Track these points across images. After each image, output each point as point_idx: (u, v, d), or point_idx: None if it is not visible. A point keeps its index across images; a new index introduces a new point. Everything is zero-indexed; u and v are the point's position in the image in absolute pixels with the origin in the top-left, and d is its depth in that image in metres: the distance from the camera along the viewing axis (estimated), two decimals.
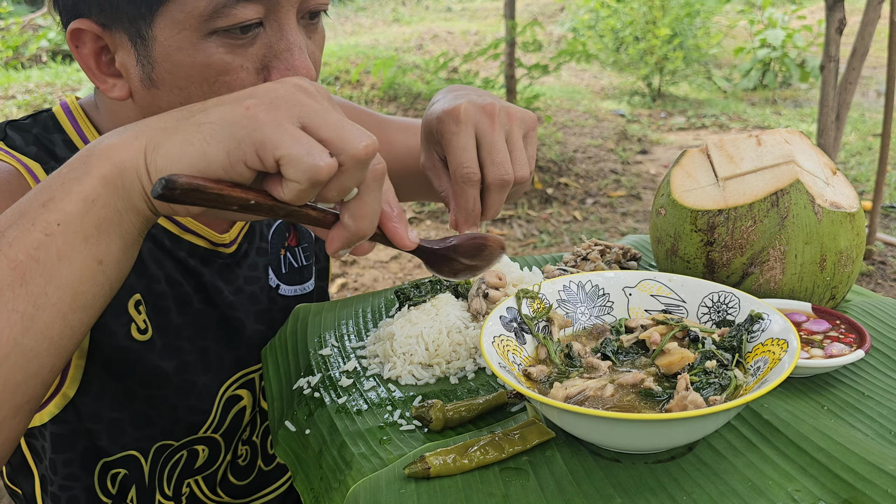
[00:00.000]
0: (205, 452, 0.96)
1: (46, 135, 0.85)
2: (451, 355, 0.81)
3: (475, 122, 0.75)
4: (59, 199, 0.53)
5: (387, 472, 0.63)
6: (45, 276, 0.53)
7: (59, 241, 0.53)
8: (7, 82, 6.06)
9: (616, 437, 0.59)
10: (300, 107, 0.53)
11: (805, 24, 7.66)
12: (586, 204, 4.78)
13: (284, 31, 0.72)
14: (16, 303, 0.52)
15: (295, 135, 0.51)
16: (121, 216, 0.55)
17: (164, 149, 0.53)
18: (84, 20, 0.72)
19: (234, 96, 0.54)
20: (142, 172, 0.54)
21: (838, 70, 3.01)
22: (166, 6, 0.68)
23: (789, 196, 0.81)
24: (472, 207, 0.76)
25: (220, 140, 0.51)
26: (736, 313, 0.71)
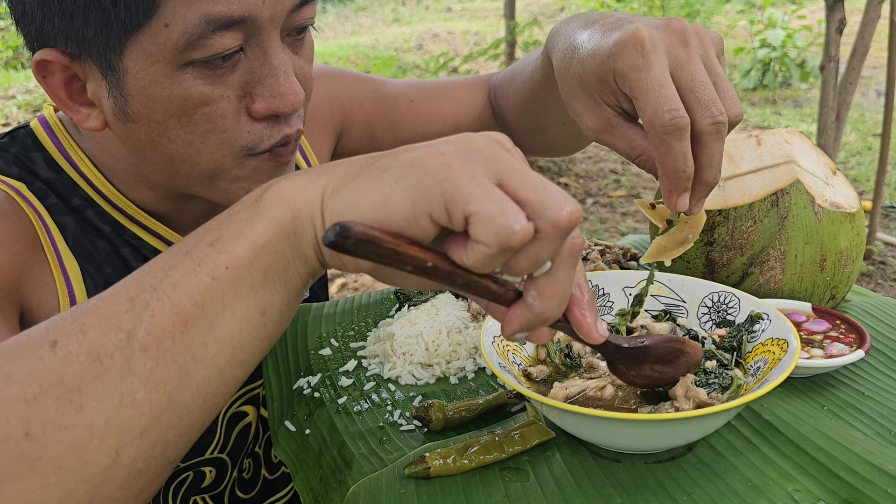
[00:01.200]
0: (212, 473, 0.95)
1: (26, 154, 0.80)
2: (451, 355, 0.81)
3: (667, 50, 0.61)
4: (227, 240, 0.48)
5: (387, 472, 0.63)
6: (206, 325, 0.47)
7: (224, 286, 0.47)
8: (7, 82, 6.06)
9: (616, 437, 0.59)
10: (498, 161, 0.45)
11: (805, 24, 7.65)
12: (586, 204, 4.78)
13: (267, 54, 0.68)
14: (175, 353, 0.46)
15: (490, 191, 0.43)
16: (288, 264, 0.49)
17: (342, 193, 0.46)
18: (50, 50, 0.67)
19: (425, 145, 0.47)
20: (316, 218, 0.47)
21: (838, 70, 3.01)
22: (136, 37, 0.64)
23: (789, 196, 0.81)
24: (684, 166, 0.61)
25: (405, 187, 0.44)
26: (736, 313, 0.71)
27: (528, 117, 0.99)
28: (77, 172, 0.81)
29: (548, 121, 0.97)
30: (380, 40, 8.50)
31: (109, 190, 0.81)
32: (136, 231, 0.83)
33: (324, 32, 9.25)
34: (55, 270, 0.77)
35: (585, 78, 0.66)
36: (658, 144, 0.61)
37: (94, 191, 0.81)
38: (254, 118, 0.71)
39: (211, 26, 0.63)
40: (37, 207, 0.77)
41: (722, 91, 0.61)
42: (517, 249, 0.44)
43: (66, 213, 0.79)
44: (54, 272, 0.77)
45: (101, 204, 0.81)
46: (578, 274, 0.50)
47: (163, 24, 0.63)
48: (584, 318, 0.51)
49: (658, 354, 0.58)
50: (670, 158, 0.61)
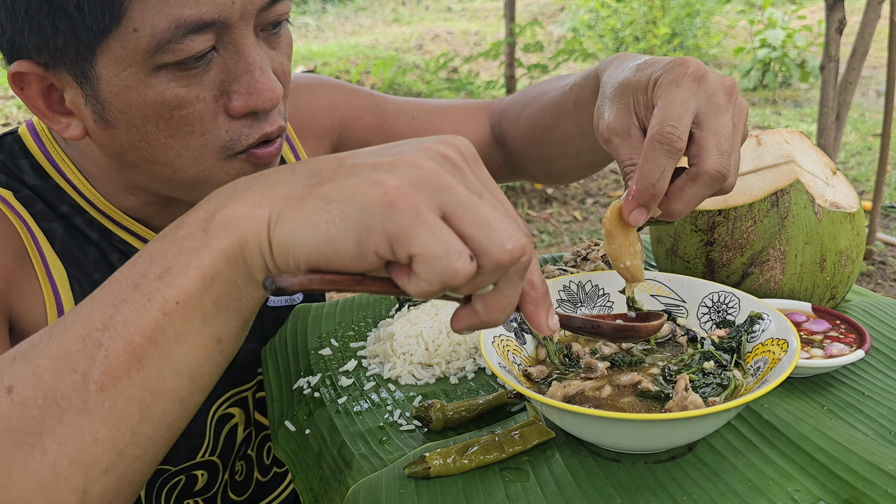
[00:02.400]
0: (204, 477, 0.94)
1: (13, 161, 0.80)
2: (451, 355, 0.81)
3: (709, 91, 0.63)
4: (176, 273, 0.47)
5: (387, 472, 0.63)
6: (161, 359, 0.47)
7: (177, 321, 0.47)
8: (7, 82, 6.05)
9: (616, 437, 0.59)
10: (444, 192, 0.44)
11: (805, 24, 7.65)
12: (586, 204, 4.78)
13: (241, 51, 0.67)
14: (133, 390, 0.46)
15: (434, 229, 0.43)
16: (240, 291, 0.48)
17: (287, 224, 0.46)
18: (24, 62, 0.67)
19: (370, 166, 0.45)
20: (264, 247, 0.47)
21: (838, 70, 3.01)
22: (106, 43, 0.63)
23: (789, 196, 0.81)
24: (657, 182, 0.62)
25: (349, 227, 0.44)
26: (736, 313, 0.71)
27: (539, 145, 0.98)
28: (64, 179, 0.80)
29: (562, 150, 0.96)
30: (380, 40, 8.50)
31: (96, 196, 0.81)
32: (125, 237, 0.83)
33: (324, 32, 9.25)
34: (42, 278, 0.77)
35: (630, 83, 0.67)
36: (646, 150, 0.62)
37: (81, 197, 0.81)
38: (232, 117, 0.70)
39: (181, 31, 0.63)
40: (23, 216, 0.77)
41: (734, 156, 0.63)
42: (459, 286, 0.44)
43: (54, 219, 0.79)
44: (41, 280, 0.77)
45: (88, 210, 0.81)
46: (532, 271, 0.50)
47: (131, 29, 0.63)
48: (534, 313, 0.51)
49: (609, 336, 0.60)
50: (649, 166, 0.62)
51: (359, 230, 0.43)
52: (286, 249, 0.46)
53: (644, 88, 0.66)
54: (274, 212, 0.47)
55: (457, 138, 0.49)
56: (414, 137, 1.07)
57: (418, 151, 0.46)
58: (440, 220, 0.44)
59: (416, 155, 0.45)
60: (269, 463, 1.05)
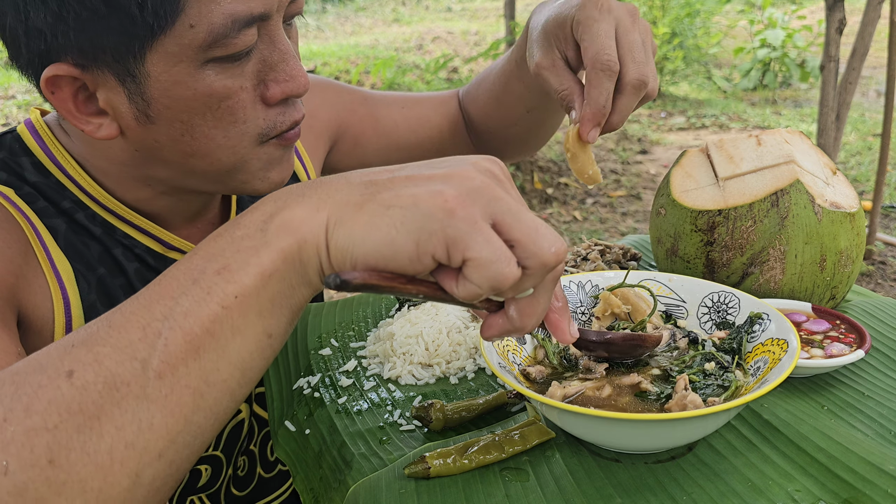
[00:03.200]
0: (207, 472, 0.95)
1: (14, 158, 0.80)
2: (451, 355, 0.81)
3: (617, 17, 0.73)
4: (235, 269, 0.49)
5: (387, 472, 0.63)
6: (218, 350, 0.49)
7: (234, 314, 0.49)
8: (7, 82, 6.06)
9: (616, 437, 0.59)
10: (496, 202, 0.48)
11: (805, 24, 7.65)
12: (586, 204, 4.78)
13: (276, 41, 0.71)
14: (189, 379, 0.48)
15: (488, 237, 0.47)
16: (294, 290, 0.51)
17: (346, 227, 0.49)
18: (60, 65, 0.67)
19: (425, 177, 0.49)
20: (321, 249, 0.50)
21: (838, 70, 3.01)
22: (160, 41, 0.65)
23: (789, 196, 0.81)
24: (605, 102, 0.73)
25: (410, 230, 0.47)
26: (736, 313, 0.71)
27: (497, 114, 1.06)
28: (65, 175, 0.81)
29: (516, 111, 1.03)
30: (380, 40, 8.50)
31: (98, 192, 0.81)
32: (128, 231, 0.83)
33: (324, 32, 9.25)
34: (48, 274, 0.77)
35: (549, 23, 0.78)
36: (592, 79, 0.72)
37: (83, 193, 0.81)
38: (267, 105, 0.73)
39: (237, 25, 0.65)
40: (26, 212, 0.77)
41: (650, 64, 0.74)
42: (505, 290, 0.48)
43: (56, 215, 0.79)
44: (47, 275, 0.77)
45: (90, 206, 0.81)
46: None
47: (188, 25, 0.64)
48: (558, 322, 0.56)
49: (620, 349, 0.67)
50: (597, 92, 0.72)
51: (419, 234, 0.47)
52: (345, 251, 0.49)
53: (562, 26, 0.76)
54: (332, 216, 0.49)
55: (494, 159, 0.53)
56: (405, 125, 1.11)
57: (468, 166, 0.50)
58: (492, 230, 0.48)
59: (467, 168, 0.50)
60: (273, 460, 1.05)
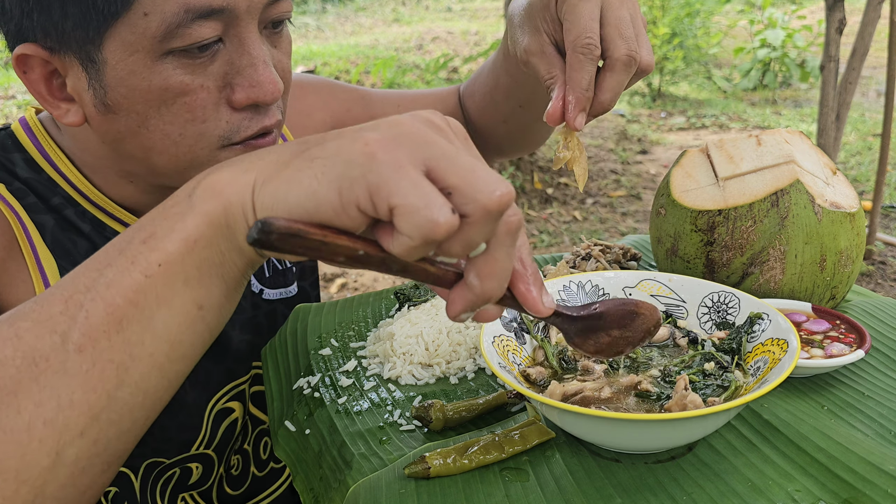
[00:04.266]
0: (198, 469, 0.95)
1: (5, 154, 0.81)
2: (451, 355, 0.81)
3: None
4: (160, 236, 0.47)
5: (387, 472, 0.63)
6: (142, 322, 0.47)
7: (158, 283, 0.47)
8: (7, 82, 6.06)
9: (616, 437, 0.59)
10: (427, 146, 0.44)
11: (805, 24, 7.65)
12: (586, 204, 4.78)
13: (246, 45, 0.69)
14: (112, 352, 0.46)
15: (415, 181, 0.42)
16: (223, 257, 0.48)
17: (272, 185, 0.46)
18: (29, 45, 0.68)
19: (355, 129, 0.46)
20: (248, 210, 0.47)
21: (838, 70, 3.01)
22: (115, 27, 0.65)
23: (789, 196, 0.81)
24: (587, 86, 0.71)
25: (331, 179, 0.43)
26: (736, 313, 0.71)
27: (490, 109, 1.05)
28: (56, 172, 0.81)
29: (508, 107, 1.02)
30: (380, 40, 8.50)
31: (89, 188, 0.82)
32: (118, 228, 0.83)
33: (324, 32, 9.25)
34: (32, 269, 0.78)
35: (534, 5, 0.75)
36: (573, 62, 0.70)
37: (73, 190, 0.81)
38: (234, 108, 0.72)
39: (190, 15, 0.64)
40: (15, 208, 0.78)
41: (640, 39, 0.72)
42: (443, 240, 0.43)
43: (45, 212, 0.79)
44: (31, 271, 0.77)
45: (81, 202, 0.81)
46: (521, 249, 0.49)
47: (142, 14, 0.64)
48: (528, 292, 0.49)
49: (612, 319, 0.56)
50: (578, 76, 0.70)
51: (340, 182, 0.43)
52: (270, 209, 0.46)
53: (546, 6, 0.74)
54: (260, 176, 0.47)
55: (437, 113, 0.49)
56: None
57: (401, 117, 0.46)
58: (422, 175, 0.43)
59: (398, 118, 0.46)
60: (266, 458, 1.05)
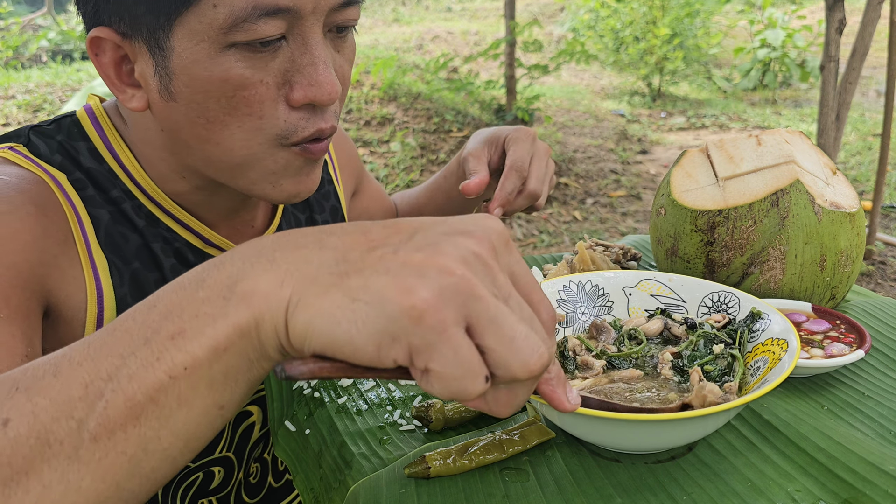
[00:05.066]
0: (220, 474, 0.95)
1: (71, 142, 0.82)
2: None
3: (536, 148, 0.99)
4: (189, 337, 0.46)
5: (387, 472, 0.63)
6: (160, 420, 0.46)
7: (182, 385, 0.46)
8: (7, 82, 6.06)
9: (616, 437, 0.59)
10: (473, 302, 0.43)
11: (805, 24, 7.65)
12: (586, 204, 4.78)
13: (308, 44, 0.70)
14: (126, 445, 0.46)
15: (456, 348, 0.42)
16: (251, 364, 0.48)
17: (308, 313, 0.45)
18: (104, 28, 0.70)
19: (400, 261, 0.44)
20: (280, 328, 0.46)
21: (838, 70, 3.01)
22: (184, 16, 0.67)
23: (789, 196, 0.81)
24: (510, 193, 0.94)
25: (371, 333, 0.43)
26: (736, 313, 0.71)
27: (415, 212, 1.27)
28: (118, 164, 0.82)
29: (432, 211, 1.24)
30: (380, 40, 8.50)
31: (147, 182, 0.83)
32: (170, 224, 0.84)
33: None
34: (85, 264, 0.78)
35: (489, 136, 1.02)
36: (508, 175, 0.95)
37: (132, 183, 0.82)
38: (291, 107, 0.73)
39: (257, 12, 0.66)
40: (73, 200, 0.79)
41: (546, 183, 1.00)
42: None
43: (102, 205, 0.80)
44: (84, 266, 0.78)
45: (138, 196, 0.82)
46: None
47: (211, 5, 0.66)
48: (552, 393, 0.50)
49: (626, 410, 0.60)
50: (509, 183, 0.94)
51: (381, 338, 0.43)
52: (302, 338, 0.45)
53: (498, 138, 1.01)
54: (295, 295, 0.45)
55: (490, 223, 0.48)
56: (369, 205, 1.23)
57: (452, 249, 0.45)
58: (464, 335, 0.43)
59: (448, 256, 0.44)
60: (283, 469, 1.06)
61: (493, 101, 5.96)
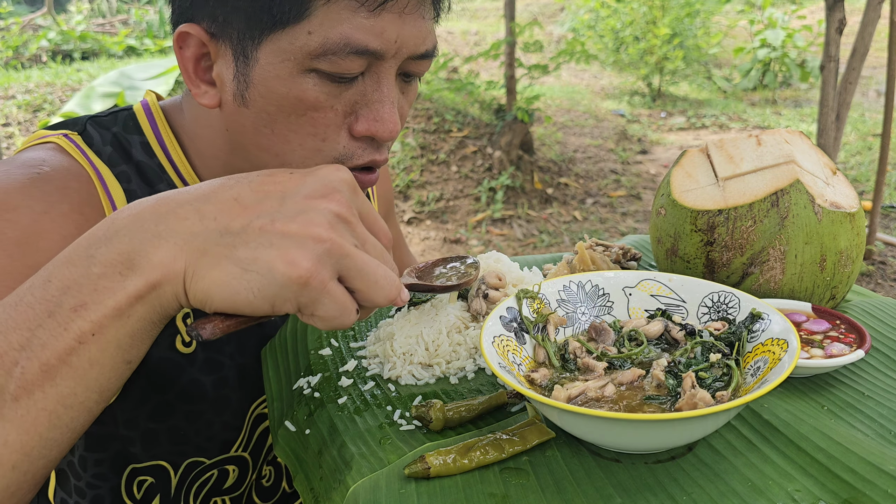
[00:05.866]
0: (235, 472, 0.97)
1: (126, 135, 0.85)
2: (451, 355, 0.81)
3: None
4: (92, 308, 0.52)
5: (387, 472, 0.63)
6: (75, 378, 0.52)
7: (92, 349, 0.52)
8: (7, 82, 6.06)
9: (616, 437, 0.59)
10: (343, 259, 0.55)
11: (805, 24, 7.65)
12: (586, 204, 4.79)
13: (381, 83, 0.73)
14: (45, 402, 0.52)
15: (335, 297, 0.54)
16: (154, 325, 0.55)
17: (205, 283, 0.53)
18: (194, 25, 0.73)
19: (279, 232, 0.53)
20: (180, 296, 0.54)
21: (838, 70, 3.01)
22: (277, 34, 0.69)
23: (789, 196, 0.81)
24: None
25: (266, 297, 0.53)
26: (736, 313, 0.71)
27: None
28: (167, 159, 0.85)
29: None
30: None
31: (193, 179, 0.85)
32: None
33: None
34: None
35: None
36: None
37: (178, 178, 0.85)
38: (352, 136, 0.76)
39: (347, 48, 0.69)
40: (113, 195, 0.81)
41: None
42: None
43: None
44: None
45: None
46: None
47: (307, 31, 0.68)
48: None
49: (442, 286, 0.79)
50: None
51: (274, 300, 0.53)
52: (203, 302, 0.54)
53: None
54: (190, 267, 0.53)
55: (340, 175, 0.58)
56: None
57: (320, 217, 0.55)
58: (338, 285, 0.55)
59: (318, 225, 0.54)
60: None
61: (494, 101, 5.96)
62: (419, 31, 0.73)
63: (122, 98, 5.61)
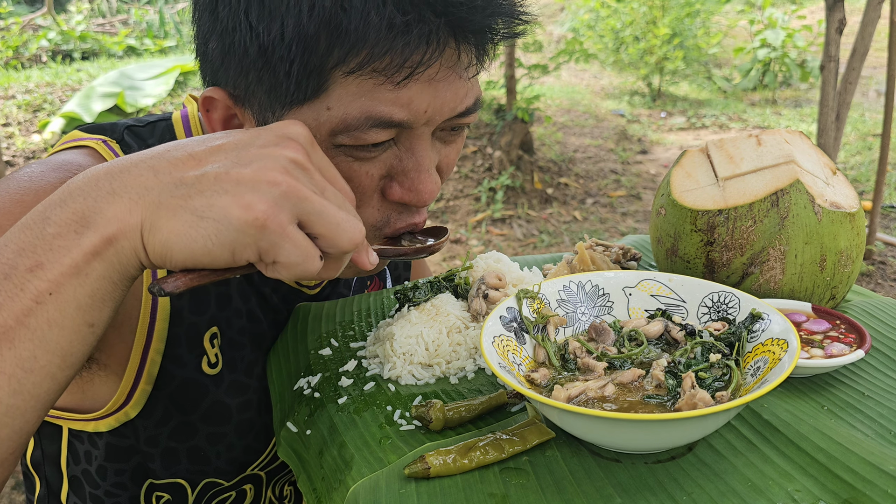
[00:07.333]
0: (251, 492, 0.96)
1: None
2: (451, 355, 0.81)
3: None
4: (48, 267, 0.51)
5: (387, 472, 0.63)
6: (34, 340, 0.51)
7: (50, 309, 0.51)
8: (7, 82, 6.06)
9: (616, 437, 0.59)
10: (301, 202, 0.54)
11: (805, 24, 7.65)
12: (586, 204, 4.79)
13: (415, 150, 0.71)
14: (4, 365, 0.51)
15: (295, 241, 0.53)
16: (115, 285, 0.54)
17: (162, 234, 0.52)
18: (219, 90, 0.71)
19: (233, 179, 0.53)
20: (139, 251, 0.53)
21: (838, 70, 3.01)
22: (299, 109, 0.67)
23: (789, 196, 0.81)
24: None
25: (225, 243, 0.52)
26: (736, 313, 0.71)
27: None
28: None
29: None
30: None
31: None
32: None
33: None
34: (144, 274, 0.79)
35: None
36: None
37: None
38: (386, 199, 0.74)
39: (369, 122, 0.66)
40: None
41: None
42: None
43: None
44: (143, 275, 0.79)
45: None
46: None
47: (325, 107, 0.66)
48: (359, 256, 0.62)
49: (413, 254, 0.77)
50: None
51: (233, 246, 0.52)
52: (163, 256, 0.53)
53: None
54: (146, 221, 0.53)
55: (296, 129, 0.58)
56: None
57: (274, 163, 0.54)
58: (297, 230, 0.54)
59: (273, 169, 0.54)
60: None
61: (494, 102, 5.96)
62: (454, 95, 0.69)
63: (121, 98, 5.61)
